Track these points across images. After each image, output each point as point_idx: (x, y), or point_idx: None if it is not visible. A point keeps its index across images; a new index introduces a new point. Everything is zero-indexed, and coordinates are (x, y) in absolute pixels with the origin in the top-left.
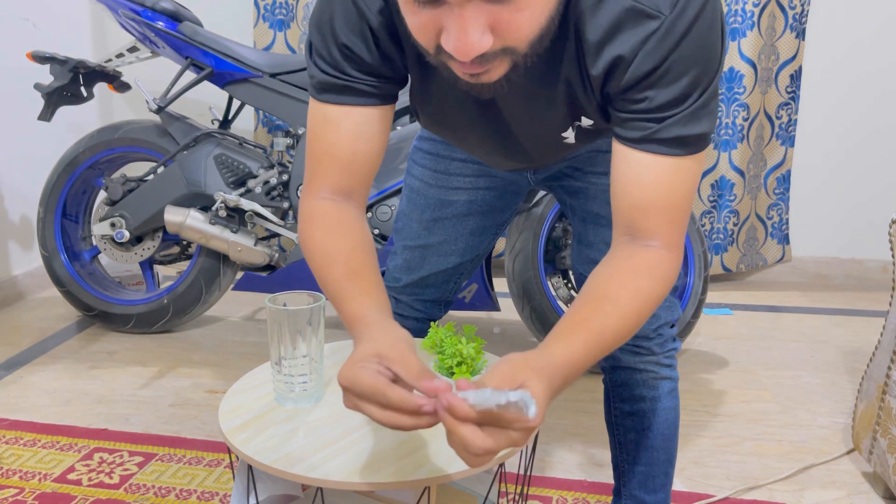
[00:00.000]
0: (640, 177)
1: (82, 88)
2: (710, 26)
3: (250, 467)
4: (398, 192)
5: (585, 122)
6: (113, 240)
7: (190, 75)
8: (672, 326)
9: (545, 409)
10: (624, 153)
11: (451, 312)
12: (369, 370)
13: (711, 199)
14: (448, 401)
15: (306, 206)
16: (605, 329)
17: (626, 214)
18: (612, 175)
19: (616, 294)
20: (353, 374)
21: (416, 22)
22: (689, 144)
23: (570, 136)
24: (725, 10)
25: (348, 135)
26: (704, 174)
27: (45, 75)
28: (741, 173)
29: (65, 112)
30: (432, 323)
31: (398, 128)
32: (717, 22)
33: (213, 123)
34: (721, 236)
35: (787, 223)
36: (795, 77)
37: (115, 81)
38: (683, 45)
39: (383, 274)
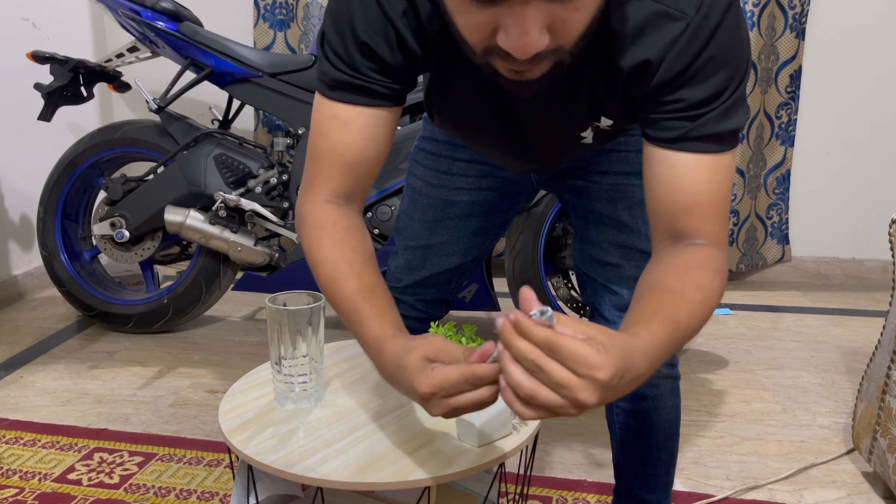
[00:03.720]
0: (680, 178)
1: (82, 88)
2: (736, 24)
3: (250, 467)
4: (398, 192)
5: (605, 122)
6: (113, 240)
7: (190, 75)
8: None
9: (614, 381)
10: (659, 155)
11: (451, 312)
12: (445, 366)
13: None
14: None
15: (309, 208)
16: (679, 320)
17: (667, 217)
18: (647, 178)
19: (680, 287)
20: (435, 378)
21: (470, 21)
22: (723, 141)
23: (588, 136)
24: None
25: (358, 135)
26: None
27: (45, 75)
28: (741, 173)
29: (65, 112)
30: (433, 322)
31: (398, 128)
32: (741, 18)
33: (213, 123)
34: None
35: (787, 223)
36: (795, 77)
37: (115, 81)
38: (712, 44)
39: (384, 274)
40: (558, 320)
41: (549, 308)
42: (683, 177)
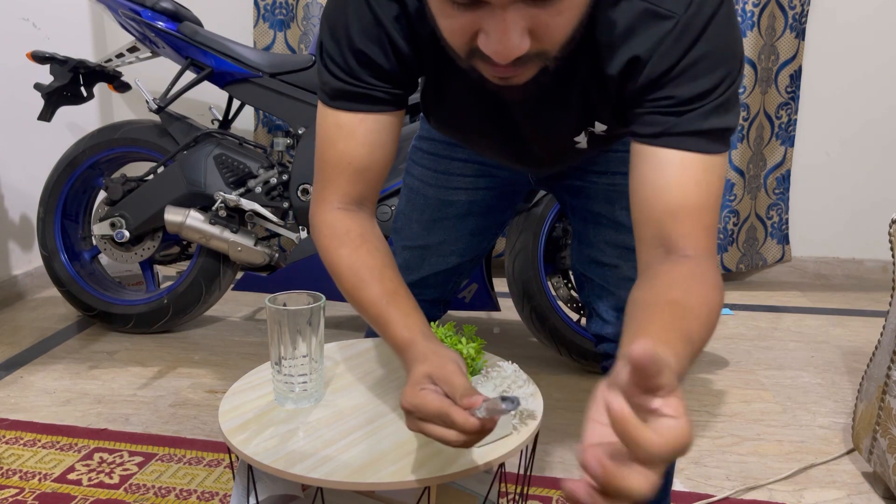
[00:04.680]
0: (667, 177)
1: (82, 88)
2: (727, 22)
3: (250, 467)
4: (398, 192)
5: (599, 127)
6: (113, 240)
7: (190, 75)
8: None
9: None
10: (644, 152)
11: (451, 312)
12: (432, 393)
13: None
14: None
15: (323, 219)
16: (693, 338)
17: (654, 222)
18: (633, 180)
19: (685, 301)
20: (417, 399)
21: (452, 24)
22: (711, 139)
23: (582, 141)
24: None
25: (364, 142)
26: None
27: (45, 75)
28: (741, 173)
29: (65, 112)
30: (432, 323)
31: None
32: (733, 18)
33: (213, 123)
34: (721, 236)
35: (787, 223)
36: (795, 77)
37: (115, 81)
38: (701, 42)
39: None
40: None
41: (515, 400)
42: (670, 175)
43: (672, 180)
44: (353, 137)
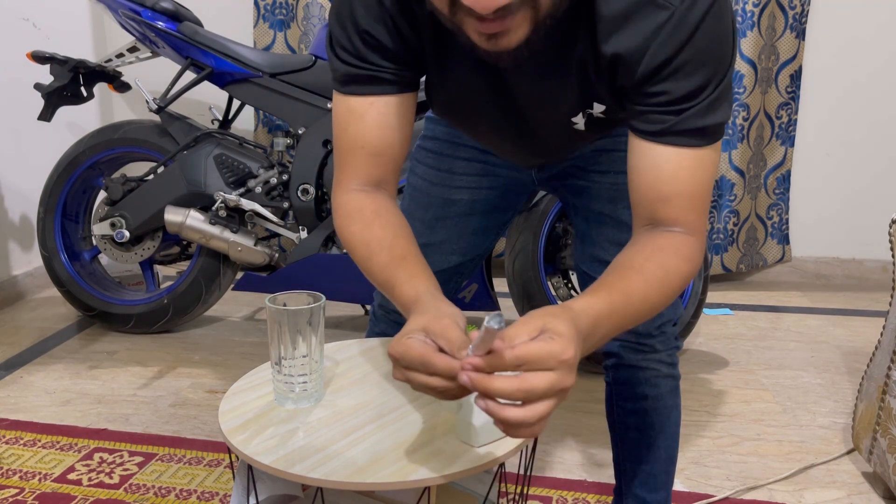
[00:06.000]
0: (661, 170)
1: (82, 88)
2: (721, 16)
3: (250, 467)
4: (400, 191)
5: (597, 108)
6: (113, 240)
7: (190, 75)
8: (674, 325)
9: (578, 350)
10: (642, 147)
11: None
12: (416, 341)
13: (711, 199)
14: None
15: (339, 200)
16: (631, 292)
17: (648, 207)
18: (631, 169)
19: (641, 265)
20: (401, 346)
21: None
22: (707, 135)
23: (580, 122)
24: None
25: (374, 125)
26: None
27: (45, 75)
28: (741, 173)
29: (65, 112)
30: None
31: None
32: (727, 11)
33: (213, 123)
34: (721, 236)
35: (787, 223)
36: (795, 77)
37: (115, 81)
38: (697, 36)
39: None
40: (506, 331)
41: (496, 314)
42: (666, 169)
43: (667, 174)
44: (363, 122)
